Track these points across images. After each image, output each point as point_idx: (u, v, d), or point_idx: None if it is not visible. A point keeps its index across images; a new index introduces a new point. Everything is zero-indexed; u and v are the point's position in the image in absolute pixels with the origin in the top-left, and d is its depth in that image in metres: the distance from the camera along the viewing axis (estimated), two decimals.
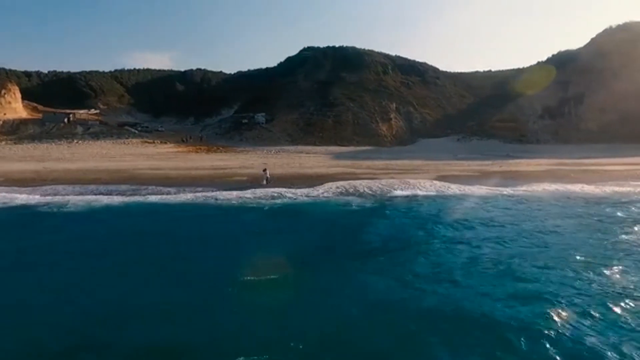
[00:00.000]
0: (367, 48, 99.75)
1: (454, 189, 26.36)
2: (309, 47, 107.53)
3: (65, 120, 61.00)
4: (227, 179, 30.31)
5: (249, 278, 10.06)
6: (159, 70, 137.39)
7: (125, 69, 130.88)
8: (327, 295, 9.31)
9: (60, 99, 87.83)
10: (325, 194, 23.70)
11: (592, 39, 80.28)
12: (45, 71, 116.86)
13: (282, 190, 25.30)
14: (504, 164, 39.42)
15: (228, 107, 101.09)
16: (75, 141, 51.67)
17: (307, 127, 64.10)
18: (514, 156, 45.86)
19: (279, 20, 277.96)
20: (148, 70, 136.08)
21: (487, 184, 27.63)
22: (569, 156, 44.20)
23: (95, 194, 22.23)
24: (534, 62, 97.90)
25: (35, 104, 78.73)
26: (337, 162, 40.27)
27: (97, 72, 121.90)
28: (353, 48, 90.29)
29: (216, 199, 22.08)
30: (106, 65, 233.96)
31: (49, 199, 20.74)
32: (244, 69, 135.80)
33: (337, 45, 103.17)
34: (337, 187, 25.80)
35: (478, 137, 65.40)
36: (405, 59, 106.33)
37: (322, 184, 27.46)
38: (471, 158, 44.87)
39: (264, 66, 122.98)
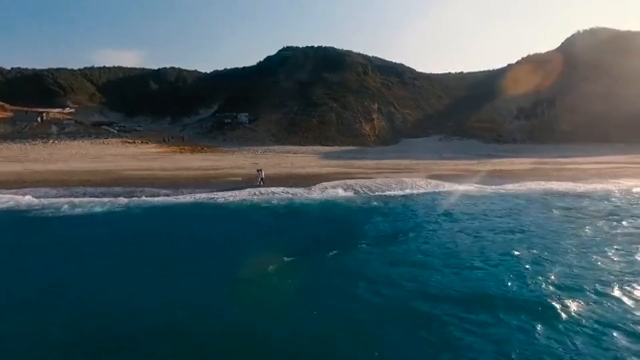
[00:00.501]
0: (344, 48, 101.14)
1: (447, 187, 27.04)
2: (288, 47, 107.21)
3: (39, 119, 58.11)
4: (221, 179, 29.88)
5: (274, 280, 10.07)
6: (131, 69, 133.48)
7: (95, 66, 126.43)
8: (352, 295, 9.39)
9: (26, 97, 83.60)
10: (331, 194, 23.75)
11: (562, 44, 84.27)
12: (8, 67, 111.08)
13: (280, 190, 25.22)
14: (489, 163, 40.74)
15: (206, 107, 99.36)
16: (51, 141, 49.34)
17: (292, 127, 63.96)
18: (495, 155, 47.43)
19: (254, 20, 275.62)
20: (119, 68, 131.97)
21: (479, 182, 28.51)
22: (546, 155, 46.16)
23: (91, 197, 21.41)
24: (504, 64, 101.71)
25: (1, 102, 74.52)
26: (327, 162, 40.40)
27: (65, 69, 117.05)
28: (333, 48, 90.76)
29: (216, 200, 21.76)
30: (72, 62, 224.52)
31: (44, 201, 19.82)
32: (220, 67, 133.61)
33: (316, 46, 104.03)
34: (337, 187, 25.93)
35: (458, 137, 67.27)
36: (383, 60, 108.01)
37: (317, 183, 27.52)
38: (456, 157, 46.06)
39: (240, 65, 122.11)
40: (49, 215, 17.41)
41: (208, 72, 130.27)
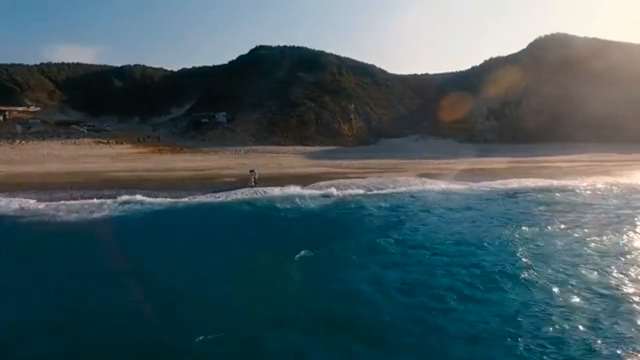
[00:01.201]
0: (316, 48, 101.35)
1: (443, 185, 27.99)
2: (262, 46, 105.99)
3: (0, 118, 54.15)
4: (215, 180, 29.38)
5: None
6: (92, 65, 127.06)
7: (53, 62, 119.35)
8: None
9: None
10: (335, 193, 23.92)
11: (524, 49, 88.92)
12: None
13: (277, 189, 25.22)
14: (468, 162, 42.40)
15: (178, 106, 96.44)
16: (17, 141, 46.20)
17: (271, 127, 63.51)
18: (472, 155, 49.28)
19: (222, 18, 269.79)
20: (79, 64, 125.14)
21: (468, 180, 29.63)
22: (518, 155, 48.69)
23: (86, 199, 20.37)
24: (468, 67, 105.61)
25: None
26: (314, 161, 40.57)
27: (20, 65, 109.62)
28: (307, 48, 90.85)
29: (222, 201, 21.42)
30: (26, 58, 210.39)
31: (51, 205, 18.70)
32: (188, 66, 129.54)
33: (288, 45, 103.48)
34: (331, 186, 26.14)
35: (434, 137, 69.37)
36: (355, 61, 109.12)
37: (312, 183, 27.66)
38: (435, 157, 47.55)
39: (209, 64, 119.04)
40: (68, 219, 16.44)
41: (176, 70, 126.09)
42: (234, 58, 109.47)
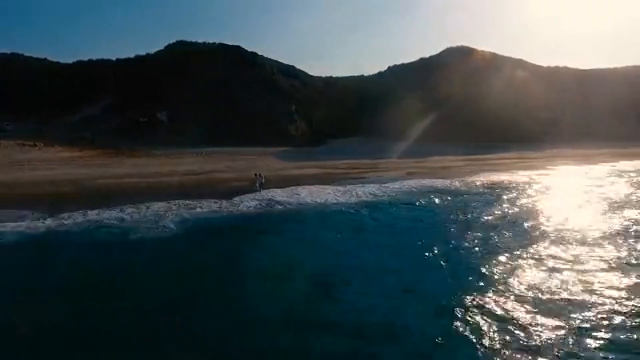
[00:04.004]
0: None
1: (440, 183, 30.34)
2: (182, 42, 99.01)
3: None
4: (222, 184, 27.50)
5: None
6: None
7: None
8: None
9: None
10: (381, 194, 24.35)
11: (435, 56, 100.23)
12: None
13: (305, 192, 24.87)
14: (428, 161, 46.50)
15: (89, 105, 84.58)
16: None
17: (219, 128, 60.29)
18: (419, 154, 53.59)
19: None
20: None
21: (445, 178, 32.08)
22: (463, 153, 54.64)
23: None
24: (375, 71, 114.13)
25: None
26: (297, 163, 40.15)
27: None
28: (242, 48, 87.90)
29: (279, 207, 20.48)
30: None
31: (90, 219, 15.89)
32: (83, 58, 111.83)
33: (217, 42, 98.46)
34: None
35: (374, 137, 73.28)
36: (280, 62, 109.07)
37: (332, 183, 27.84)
38: (389, 157, 50.91)
39: (112, 57, 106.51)
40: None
41: (69, 62, 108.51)
42: (150, 52, 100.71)
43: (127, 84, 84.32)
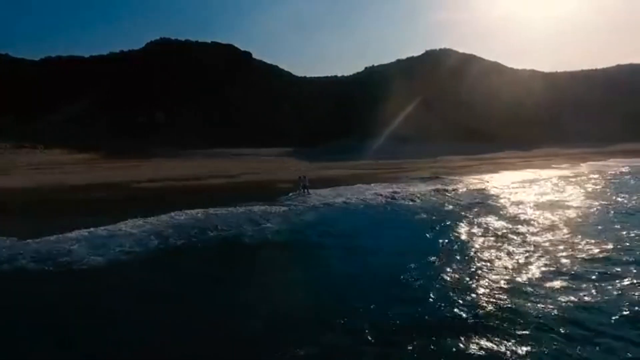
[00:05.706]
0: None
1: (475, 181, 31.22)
2: (165, 39, 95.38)
3: None
4: (273, 187, 27.08)
5: None
6: None
7: None
8: None
9: None
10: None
11: (422, 55, 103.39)
12: None
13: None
14: (440, 161, 47.76)
15: (68, 103, 79.31)
16: None
17: (218, 129, 58.86)
18: (425, 155, 54.82)
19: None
20: None
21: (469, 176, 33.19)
22: (463, 153, 56.49)
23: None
24: (352, 72, 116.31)
25: None
26: (323, 164, 40.00)
27: None
28: (232, 46, 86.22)
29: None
30: None
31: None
32: (52, 55, 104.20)
33: (199, 40, 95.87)
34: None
35: (370, 138, 73.97)
36: (266, 63, 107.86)
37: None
38: (397, 157, 51.71)
39: (85, 54, 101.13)
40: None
41: (35, 59, 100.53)
42: (133, 49, 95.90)
43: (105, 81, 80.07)
